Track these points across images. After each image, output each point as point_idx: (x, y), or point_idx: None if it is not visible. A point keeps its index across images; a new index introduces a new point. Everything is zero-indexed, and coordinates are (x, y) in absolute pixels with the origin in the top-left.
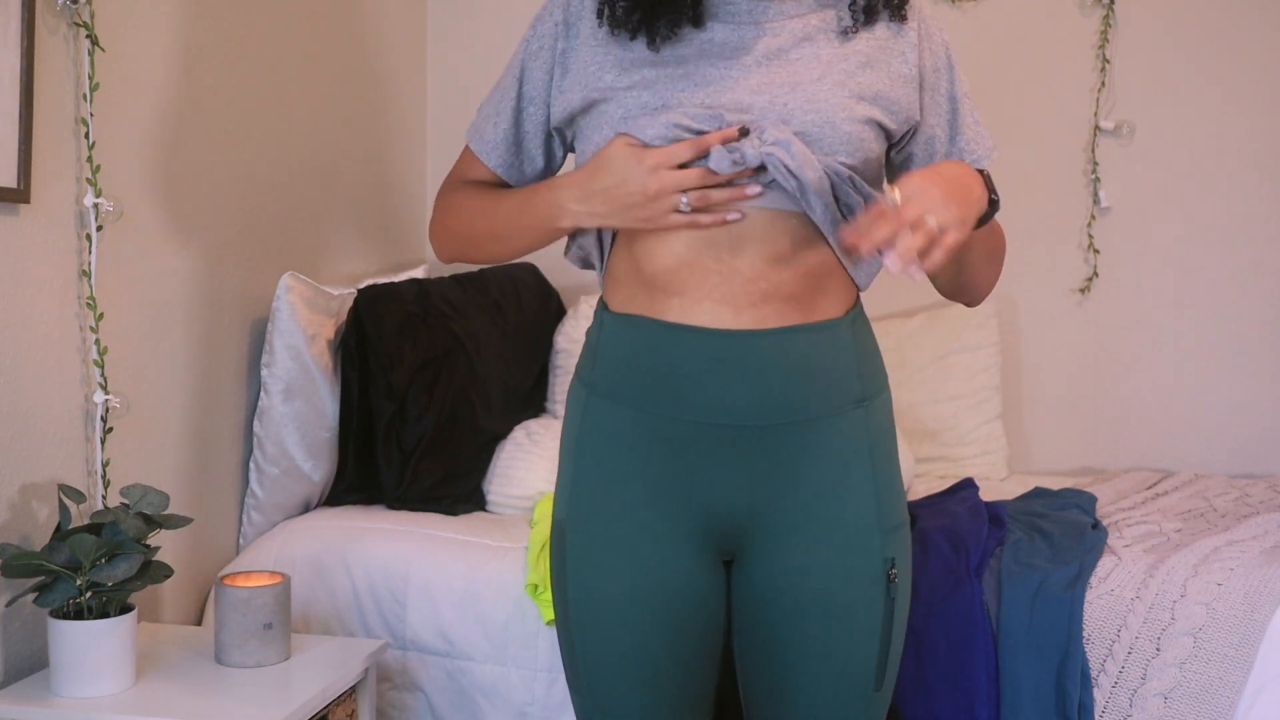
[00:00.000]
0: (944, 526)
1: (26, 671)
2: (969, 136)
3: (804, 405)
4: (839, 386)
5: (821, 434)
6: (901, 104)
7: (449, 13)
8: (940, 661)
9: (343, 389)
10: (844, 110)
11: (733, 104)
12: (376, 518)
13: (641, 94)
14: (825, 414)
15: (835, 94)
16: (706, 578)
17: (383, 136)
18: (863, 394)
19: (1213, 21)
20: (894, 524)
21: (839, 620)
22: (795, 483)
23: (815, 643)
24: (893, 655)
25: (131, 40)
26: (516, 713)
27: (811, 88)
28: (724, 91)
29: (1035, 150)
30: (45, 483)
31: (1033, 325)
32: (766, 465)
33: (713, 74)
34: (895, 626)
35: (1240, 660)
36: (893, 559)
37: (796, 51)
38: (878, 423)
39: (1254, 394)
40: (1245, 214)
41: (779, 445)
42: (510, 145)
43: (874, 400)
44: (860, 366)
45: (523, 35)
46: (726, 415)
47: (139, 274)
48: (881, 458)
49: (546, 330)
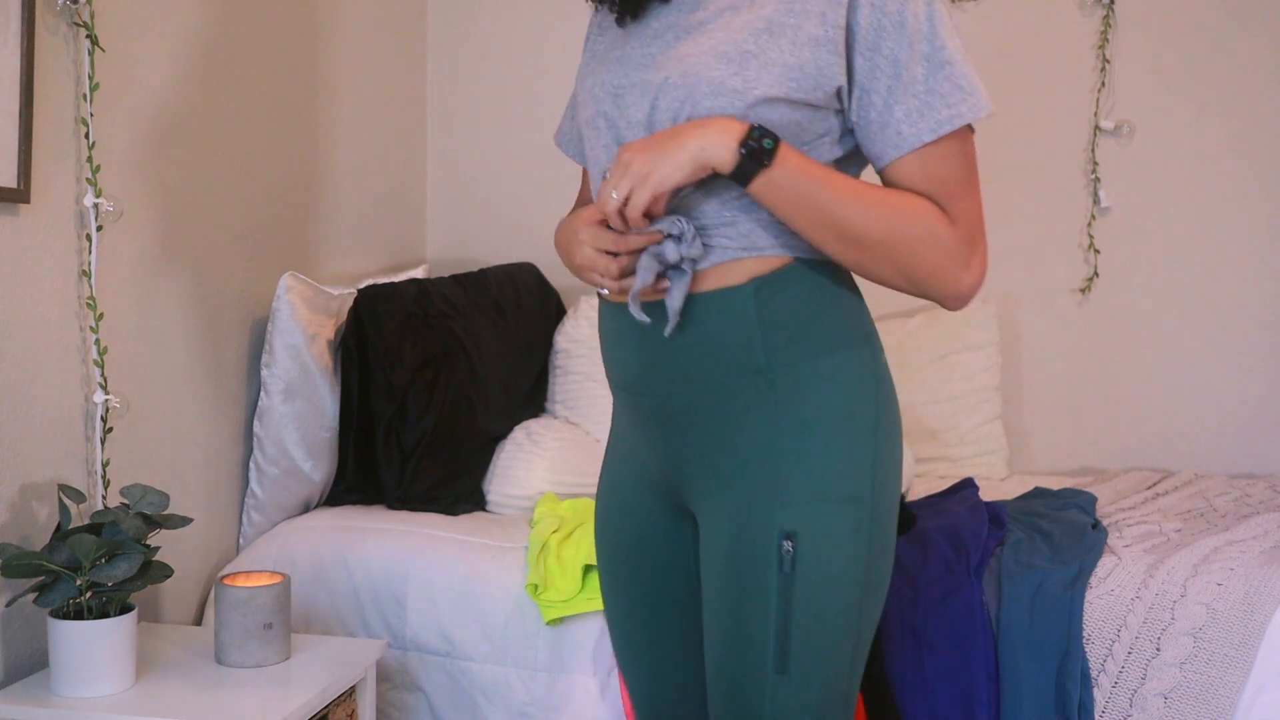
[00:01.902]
0: (944, 526)
1: (26, 671)
2: (910, 107)
3: (696, 374)
4: (734, 356)
5: (718, 402)
6: (808, 70)
7: (449, 13)
8: (940, 661)
9: (343, 389)
10: (710, 86)
11: (636, 83)
12: (376, 518)
13: (585, 79)
14: (720, 383)
15: (713, 67)
16: (666, 526)
17: (383, 137)
18: (767, 364)
19: (1213, 21)
20: (805, 497)
21: (732, 592)
22: (699, 450)
23: (716, 612)
24: (799, 637)
25: (131, 40)
26: (516, 713)
27: (693, 60)
28: (630, 72)
29: (1035, 150)
30: (45, 483)
31: (1033, 325)
32: (675, 432)
33: (633, 54)
34: (799, 605)
35: (1240, 660)
36: (791, 532)
37: (715, 21)
38: (791, 394)
39: (1254, 394)
40: (1245, 214)
41: (681, 413)
42: (579, 137)
43: (787, 371)
44: (765, 337)
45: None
46: (631, 383)
47: (139, 274)
48: (792, 427)
49: (546, 330)
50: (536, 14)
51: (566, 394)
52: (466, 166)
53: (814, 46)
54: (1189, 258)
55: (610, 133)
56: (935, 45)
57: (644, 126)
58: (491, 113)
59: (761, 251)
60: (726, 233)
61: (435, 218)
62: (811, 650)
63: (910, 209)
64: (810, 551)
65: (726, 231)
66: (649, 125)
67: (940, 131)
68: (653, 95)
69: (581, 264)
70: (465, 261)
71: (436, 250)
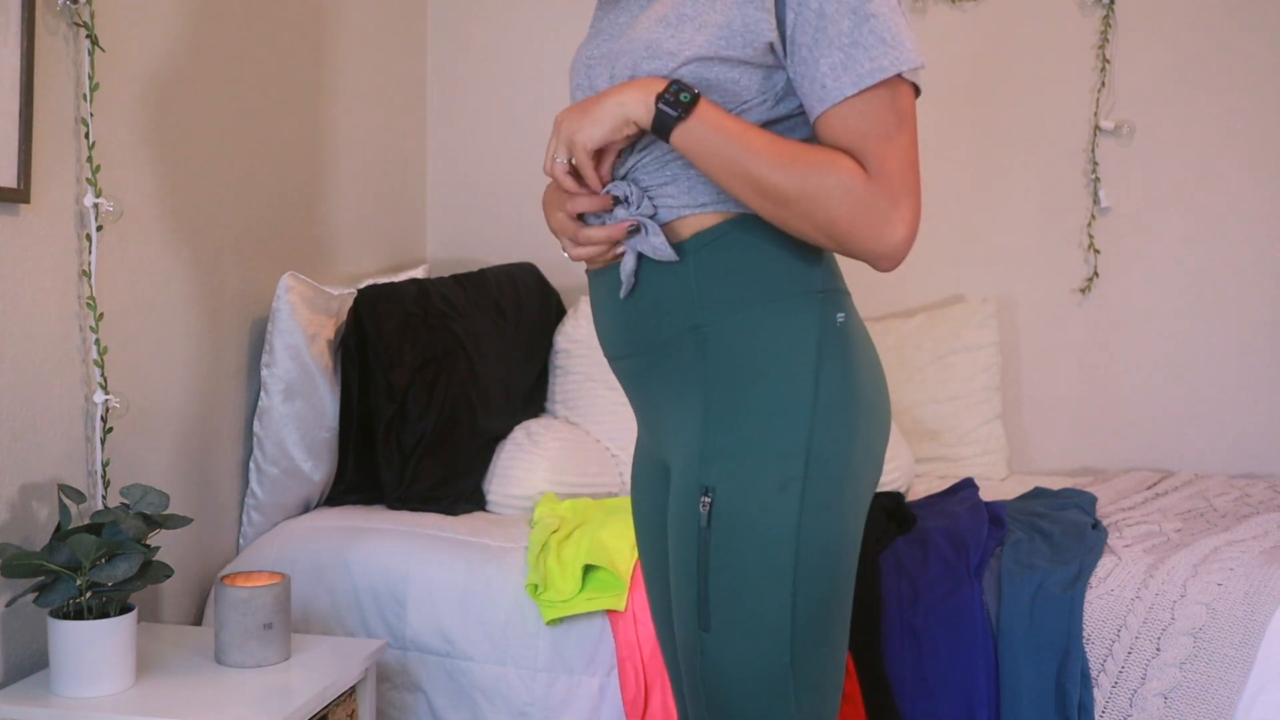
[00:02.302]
0: (944, 526)
1: (26, 671)
2: (835, 60)
3: (647, 334)
4: (672, 314)
5: (664, 362)
6: (735, 27)
7: (449, 13)
8: (940, 661)
9: (343, 389)
10: (647, 49)
11: (604, 53)
12: (376, 518)
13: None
14: (664, 341)
15: (651, 31)
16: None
17: (383, 137)
18: (700, 320)
19: (1213, 21)
20: (727, 453)
21: (673, 551)
22: (662, 410)
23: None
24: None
25: (131, 40)
26: (516, 713)
27: (640, 28)
28: (602, 43)
29: (1035, 150)
30: (45, 483)
31: (1033, 325)
32: (646, 395)
33: (607, 25)
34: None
35: (1240, 660)
36: (709, 488)
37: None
38: (722, 349)
39: (1254, 394)
40: (1245, 214)
41: (643, 375)
42: None
43: (719, 327)
44: (697, 291)
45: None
46: (610, 350)
47: (139, 274)
48: (723, 383)
49: (546, 330)
50: (536, 14)
51: (566, 394)
52: (466, 166)
53: (742, 4)
54: (1189, 258)
55: None
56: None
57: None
58: (491, 113)
59: (704, 208)
60: (670, 190)
61: (435, 218)
62: (737, 608)
63: (823, 164)
64: (727, 508)
65: (669, 189)
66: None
67: (863, 84)
68: (610, 64)
69: (555, 227)
70: (465, 261)
71: (436, 250)
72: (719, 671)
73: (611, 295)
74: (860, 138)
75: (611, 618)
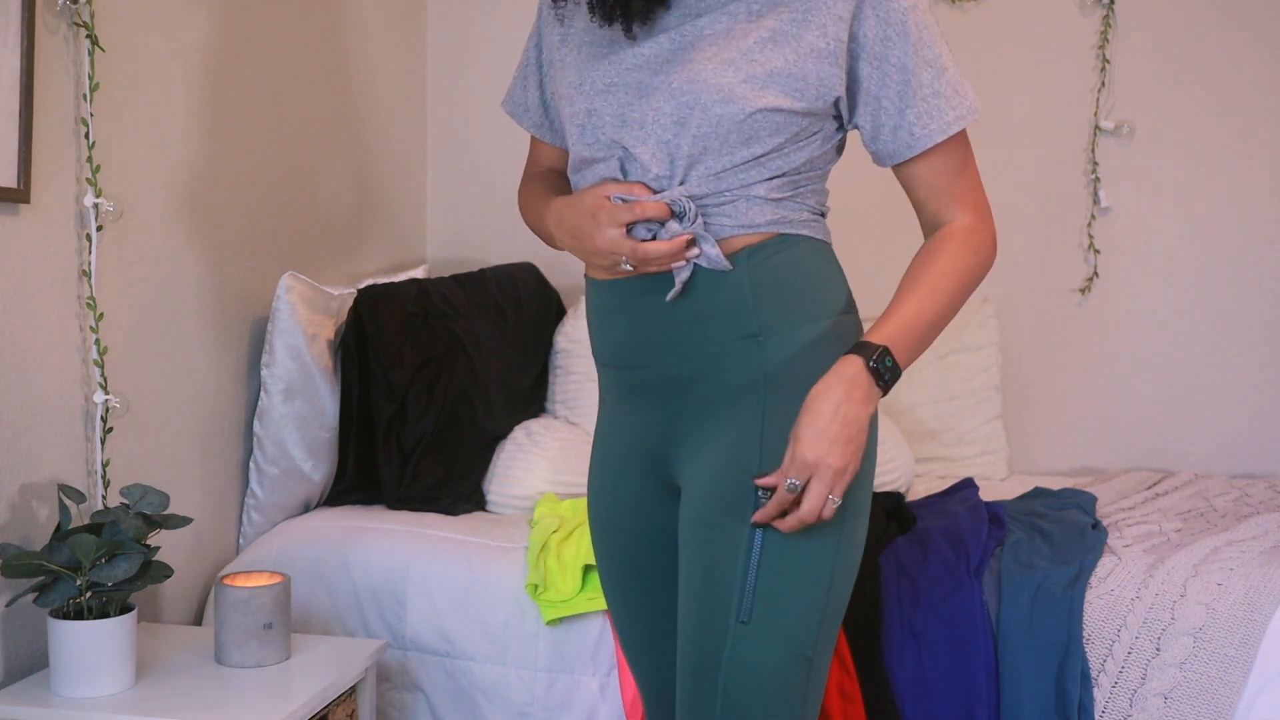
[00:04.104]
0: (944, 526)
1: (26, 671)
2: (921, 110)
3: (690, 342)
4: (727, 323)
5: (710, 368)
6: (810, 80)
7: (448, 14)
8: (940, 661)
9: (343, 389)
10: (720, 93)
11: (631, 83)
12: (376, 518)
13: (567, 72)
14: (713, 349)
15: (720, 74)
16: (655, 503)
17: (383, 136)
18: (758, 329)
19: (1212, 21)
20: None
21: (706, 544)
22: (689, 416)
23: (688, 566)
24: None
25: (131, 40)
26: (516, 713)
27: (700, 68)
28: (624, 72)
29: (1035, 150)
30: (45, 483)
31: (1033, 325)
32: (666, 401)
33: (625, 53)
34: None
35: (1240, 660)
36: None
37: (717, 30)
38: (778, 358)
39: (1254, 394)
40: (1245, 214)
41: (673, 382)
42: (539, 109)
43: (775, 337)
44: (756, 303)
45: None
46: (623, 357)
47: (139, 274)
48: (778, 390)
49: (546, 330)
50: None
51: (566, 394)
52: (466, 166)
53: (816, 58)
54: (1189, 258)
55: (602, 130)
56: (936, 53)
57: (640, 124)
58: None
59: (756, 229)
60: (726, 210)
61: (435, 218)
62: (776, 604)
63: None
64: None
65: (726, 210)
66: (644, 123)
67: (949, 132)
68: (655, 97)
69: (602, 246)
70: (465, 261)
71: (436, 250)
72: (745, 665)
73: (629, 304)
74: (952, 176)
75: (611, 618)
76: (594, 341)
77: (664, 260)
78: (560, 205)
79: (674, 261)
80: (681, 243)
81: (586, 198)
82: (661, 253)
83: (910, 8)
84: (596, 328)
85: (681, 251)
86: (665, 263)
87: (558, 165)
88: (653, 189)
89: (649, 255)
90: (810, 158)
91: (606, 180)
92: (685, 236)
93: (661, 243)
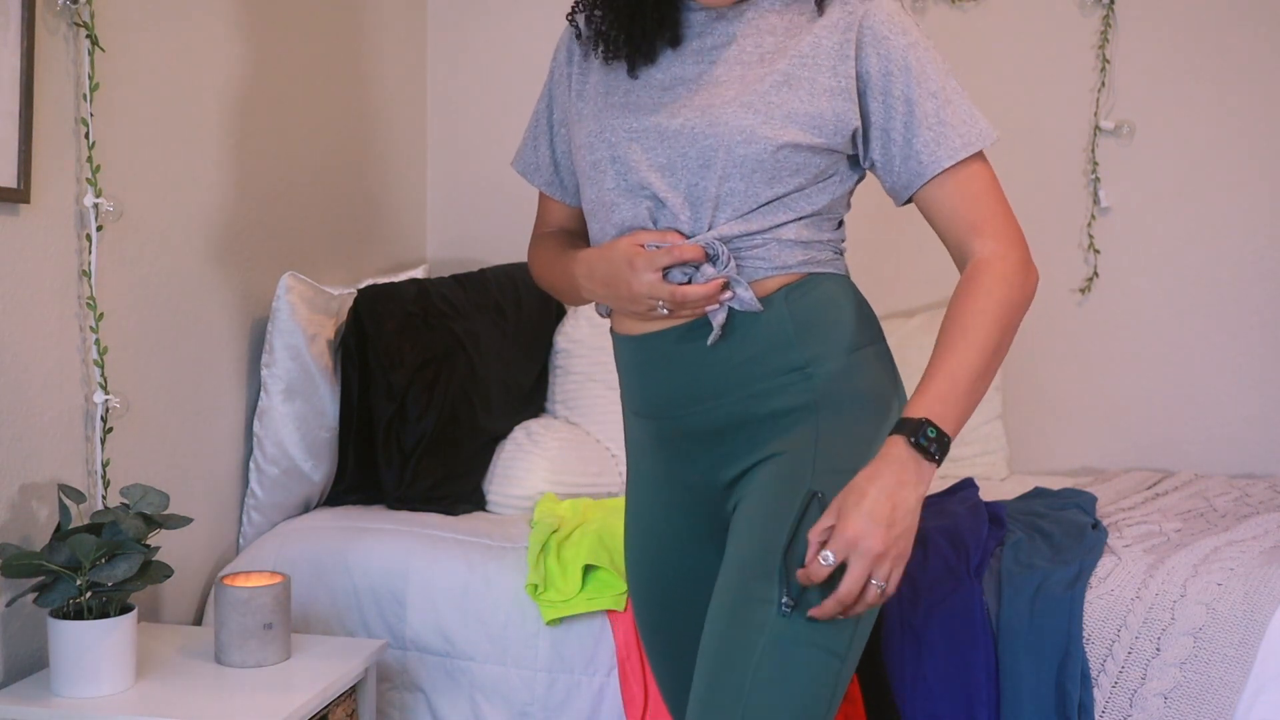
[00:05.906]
0: (944, 526)
1: (26, 671)
2: (927, 138)
3: (738, 382)
4: (774, 358)
5: (761, 404)
6: (827, 117)
7: (448, 15)
8: (940, 661)
9: (343, 389)
10: (742, 134)
11: (649, 127)
12: (376, 518)
13: (585, 122)
14: (763, 386)
15: (741, 117)
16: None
17: (383, 136)
18: (804, 361)
19: (1212, 21)
20: (833, 468)
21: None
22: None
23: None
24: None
25: (131, 40)
26: (516, 713)
27: (718, 110)
28: (641, 117)
29: (1035, 150)
30: (45, 483)
31: (1033, 325)
32: (714, 443)
33: (641, 100)
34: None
35: (1240, 660)
36: (819, 493)
37: (728, 74)
38: (826, 386)
39: (1254, 394)
40: (1245, 214)
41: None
42: (550, 167)
43: (824, 363)
44: (799, 337)
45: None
46: (665, 408)
47: (139, 274)
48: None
49: (546, 330)
50: (537, 15)
51: (566, 394)
52: (466, 166)
53: (830, 96)
54: (1189, 258)
55: (625, 175)
56: (939, 84)
57: (668, 170)
58: (491, 113)
59: (789, 269)
60: (760, 253)
61: (435, 218)
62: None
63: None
64: None
65: (760, 252)
66: (669, 169)
67: (957, 157)
68: (673, 140)
69: (640, 291)
70: (465, 261)
71: (436, 250)
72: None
73: (667, 355)
74: (970, 202)
75: (611, 618)
76: (632, 396)
77: (700, 303)
78: (591, 257)
79: (709, 305)
80: (717, 285)
81: (620, 246)
82: (699, 295)
83: (910, 45)
84: (635, 382)
85: (717, 294)
86: (701, 305)
87: (568, 224)
88: (684, 235)
89: (687, 298)
90: (831, 200)
91: (637, 230)
92: (720, 280)
93: (698, 285)
